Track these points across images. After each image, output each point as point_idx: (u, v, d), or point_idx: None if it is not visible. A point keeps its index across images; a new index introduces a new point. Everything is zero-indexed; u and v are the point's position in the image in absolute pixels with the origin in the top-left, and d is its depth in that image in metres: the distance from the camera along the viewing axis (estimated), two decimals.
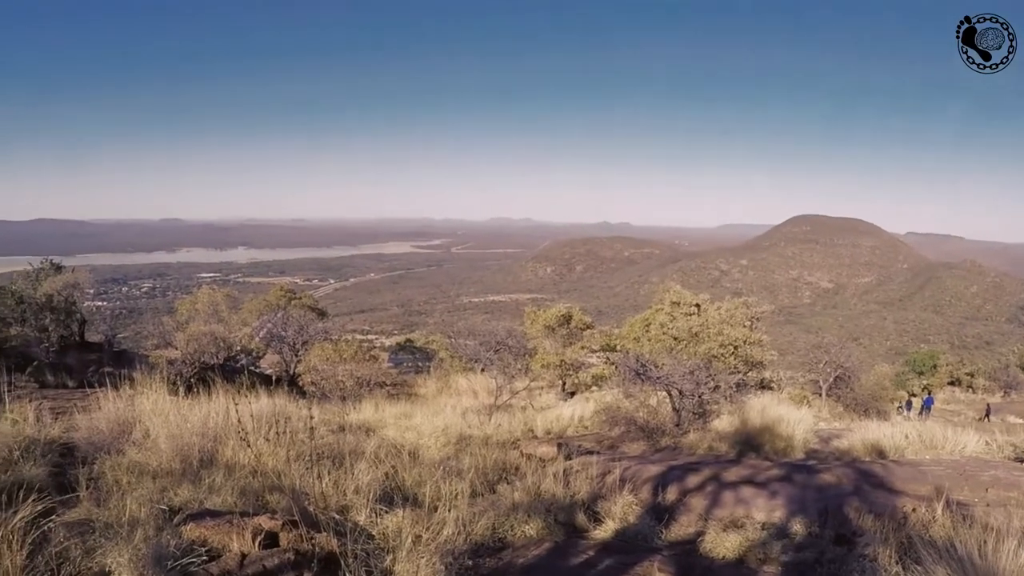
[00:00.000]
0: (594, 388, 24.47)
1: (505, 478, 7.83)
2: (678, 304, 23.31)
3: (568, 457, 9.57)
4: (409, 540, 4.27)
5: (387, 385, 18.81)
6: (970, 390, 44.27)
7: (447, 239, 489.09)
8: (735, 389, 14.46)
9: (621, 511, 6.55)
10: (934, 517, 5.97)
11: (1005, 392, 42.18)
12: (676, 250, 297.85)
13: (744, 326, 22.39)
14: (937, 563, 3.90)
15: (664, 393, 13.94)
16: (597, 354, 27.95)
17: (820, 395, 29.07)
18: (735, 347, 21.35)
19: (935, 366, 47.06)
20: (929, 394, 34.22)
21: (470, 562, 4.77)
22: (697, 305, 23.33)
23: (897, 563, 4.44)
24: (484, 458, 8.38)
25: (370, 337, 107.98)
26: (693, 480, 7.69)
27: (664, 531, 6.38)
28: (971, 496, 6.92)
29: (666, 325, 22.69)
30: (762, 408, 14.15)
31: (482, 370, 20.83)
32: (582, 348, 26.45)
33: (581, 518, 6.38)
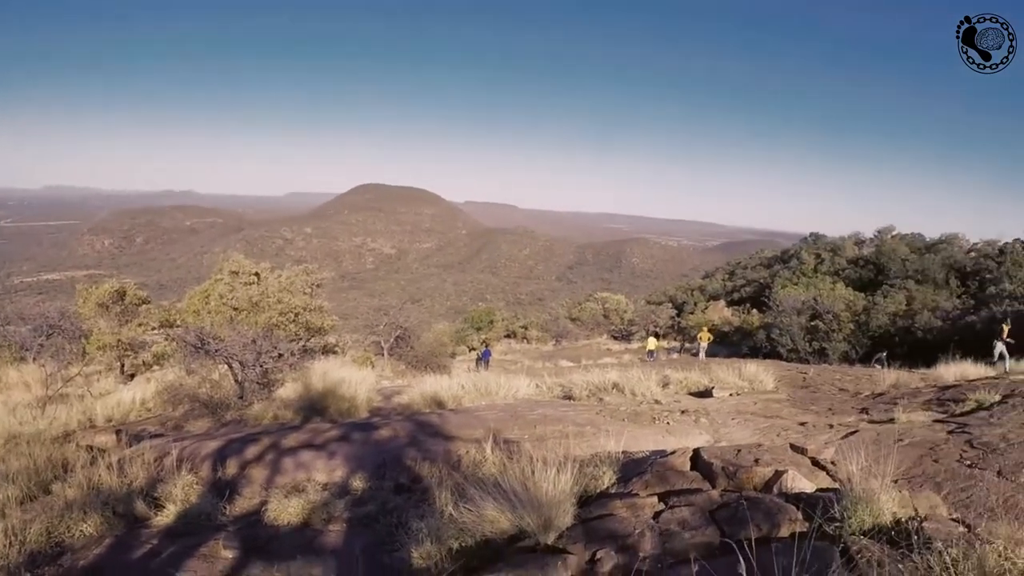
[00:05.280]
0: (156, 368, 23.38)
1: (61, 476, 7.40)
2: (237, 274, 23.10)
3: (131, 444, 9.40)
4: None
5: None
6: (525, 341, 50.86)
7: None
8: (298, 356, 15.06)
9: (182, 493, 6.53)
10: (485, 457, 6.60)
11: (556, 341, 49.00)
12: (241, 219, 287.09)
13: (305, 293, 23.06)
14: (485, 499, 4.28)
15: (226, 366, 13.95)
16: (158, 331, 26.61)
17: (383, 355, 31.02)
18: (296, 314, 21.95)
19: (492, 322, 53.36)
20: (487, 347, 38.17)
21: (28, 574, 4.73)
22: (256, 274, 23.37)
23: (453, 504, 4.65)
24: (36, 457, 7.82)
25: None
26: (253, 451, 7.81)
27: (228, 507, 6.48)
28: (521, 434, 8.03)
29: (225, 296, 22.35)
30: (324, 372, 14.41)
31: (34, 359, 18.92)
32: (139, 326, 24.95)
33: (140, 506, 6.26)
